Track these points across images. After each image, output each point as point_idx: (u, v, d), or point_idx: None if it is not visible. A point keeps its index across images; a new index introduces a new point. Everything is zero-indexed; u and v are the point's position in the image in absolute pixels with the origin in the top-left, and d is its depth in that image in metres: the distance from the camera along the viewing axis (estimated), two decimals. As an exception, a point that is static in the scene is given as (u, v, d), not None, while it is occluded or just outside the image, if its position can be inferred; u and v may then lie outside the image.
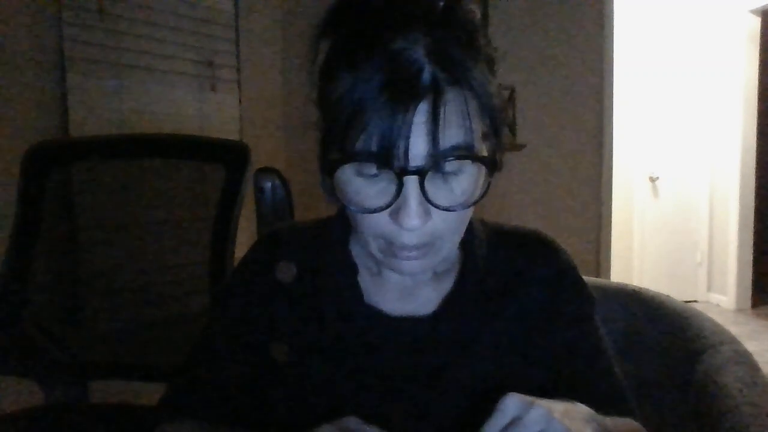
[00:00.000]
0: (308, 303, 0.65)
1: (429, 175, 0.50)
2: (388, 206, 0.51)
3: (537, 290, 0.65)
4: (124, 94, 1.96)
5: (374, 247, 0.56)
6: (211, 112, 2.28)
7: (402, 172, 0.49)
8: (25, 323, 1.26)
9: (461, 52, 0.51)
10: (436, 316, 0.63)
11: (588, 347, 0.66)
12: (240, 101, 2.42)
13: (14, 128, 1.64)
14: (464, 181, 0.52)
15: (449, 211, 0.52)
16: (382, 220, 0.52)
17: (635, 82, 4.44)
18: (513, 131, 2.78)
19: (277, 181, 1.35)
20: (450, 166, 0.51)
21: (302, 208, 1.60)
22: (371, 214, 0.52)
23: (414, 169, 0.49)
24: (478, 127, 0.52)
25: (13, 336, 1.26)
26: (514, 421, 0.47)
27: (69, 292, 1.38)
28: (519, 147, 2.79)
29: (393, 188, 0.50)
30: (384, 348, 0.62)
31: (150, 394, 0.85)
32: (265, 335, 0.66)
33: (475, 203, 0.54)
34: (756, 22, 4.18)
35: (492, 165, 0.53)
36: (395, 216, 0.51)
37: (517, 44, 2.83)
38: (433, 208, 0.51)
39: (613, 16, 2.95)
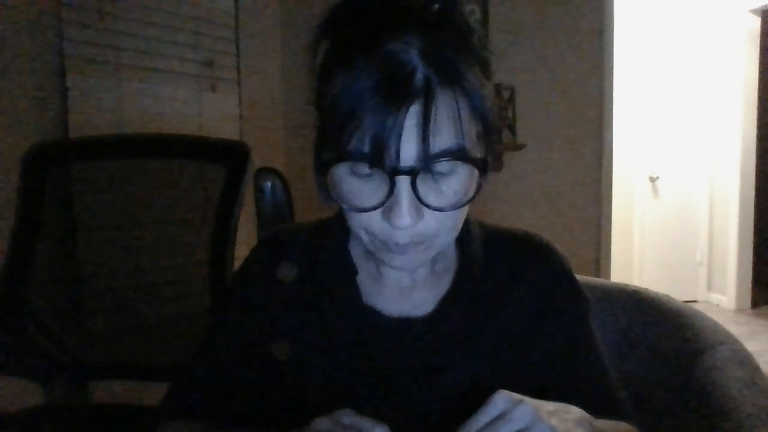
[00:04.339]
0: (308, 302, 0.66)
1: (421, 176, 0.50)
2: (380, 205, 0.52)
3: (532, 292, 0.66)
4: (124, 94, 1.96)
5: (368, 242, 0.57)
6: (211, 112, 2.28)
7: (394, 172, 0.50)
8: (25, 323, 1.26)
9: (455, 55, 0.51)
10: (432, 317, 0.64)
11: (582, 350, 0.67)
12: (240, 101, 2.42)
13: (14, 128, 1.64)
14: (456, 181, 0.53)
15: (440, 211, 0.53)
16: (375, 218, 0.53)
17: (635, 82, 4.44)
18: (513, 131, 2.78)
19: (277, 181, 1.35)
20: (442, 166, 0.51)
21: (302, 208, 1.60)
22: (364, 213, 0.53)
23: (405, 169, 0.50)
24: (471, 129, 0.53)
25: (13, 336, 1.26)
26: (501, 417, 0.48)
27: (69, 292, 1.38)
28: (519, 147, 2.79)
29: (385, 188, 0.51)
30: (381, 347, 0.63)
31: (150, 394, 0.85)
32: (266, 334, 0.67)
33: (465, 204, 0.54)
34: (756, 22, 4.18)
35: (483, 167, 0.54)
36: (387, 215, 0.52)
37: (518, 44, 2.83)
38: (425, 208, 0.52)
39: (613, 16, 2.95)
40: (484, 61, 0.55)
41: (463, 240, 0.65)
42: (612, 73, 2.96)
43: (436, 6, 0.52)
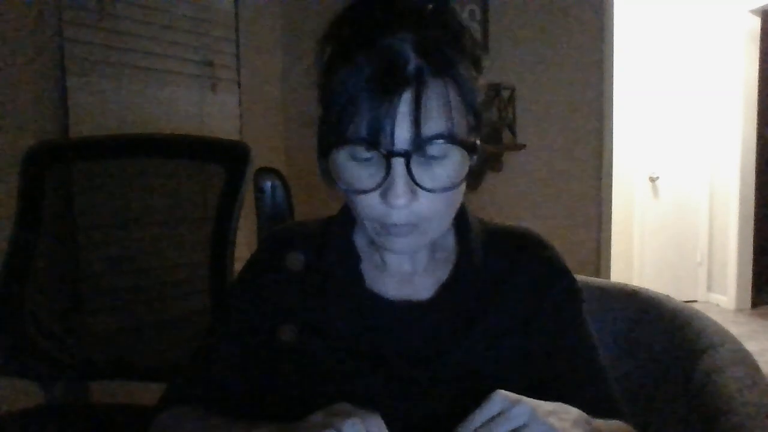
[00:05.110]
0: (314, 289, 0.69)
1: (415, 159, 0.55)
2: (378, 186, 0.56)
3: (528, 285, 0.69)
4: (124, 94, 1.96)
5: (369, 228, 0.61)
6: (211, 112, 2.28)
7: (389, 154, 0.54)
8: (25, 323, 1.26)
9: (446, 48, 0.56)
10: (432, 301, 0.67)
11: (576, 344, 0.69)
12: (240, 101, 2.42)
13: (14, 128, 1.64)
14: (448, 166, 0.57)
15: (433, 192, 0.56)
16: (374, 200, 0.57)
17: (635, 82, 4.44)
18: (513, 131, 2.78)
19: (277, 181, 1.35)
20: (434, 150, 0.55)
21: (302, 208, 1.60)
22: (364, 196, 0.57)
23: (400, 151, 0.54)
24: (461, 117, 0.57)
25: (13, 336, 1.26)
26: (499, 415, 0.49)
27: (69, 292, 1.38)
28: (519, 147, 2.79)
29: (382, 170, 0.55)
30: (382, 330, 0.66)
31: (150, 394, 0.85)
32: (273, 320, 0.69)
33: (456, 187, 0.58)
34: (756, 22, 4.18)
35: (473, 150, 0.58)
36: (385, 196, 0.56)
37: (517, 44, 2.83)
38: (420, 191, 0.56)
39: (613, 16, 2.95)
40: (475, 58, 0.60)
41: (462, 231, 0.69)
42: (612, 73, 2.96)
43: (430, 6, 0.57)
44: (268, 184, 1.32)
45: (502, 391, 0.51)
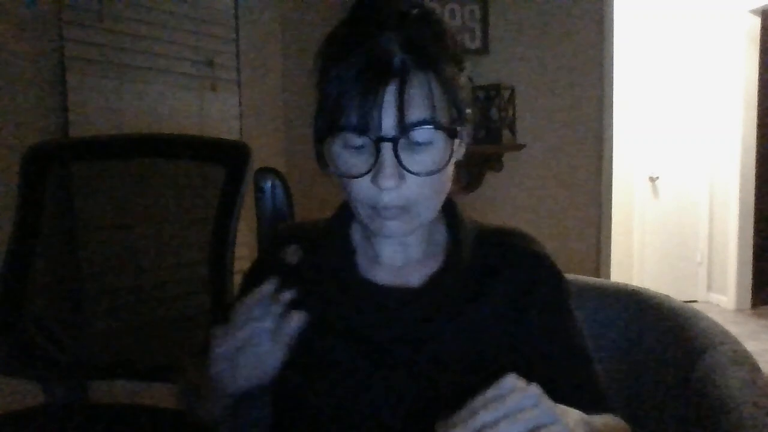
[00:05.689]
0: (312, 279, 0.73)
1: (401, 145, 0.60)
2: (369, 171, 0.61)
3: (515, 276, 0.72)
4: (124, 94, 1.96)
5: (363, 214, 0.66)
6: (211, 112, 2.28)
7: (377, 140, 0.60)
8: (25, 323, 1.26)
9: (429, 45, 0.62)
10: (423, 288, 0.71)
11: (562, 335, 0.71)
12: (240, 101, 2.42)
13: (14, 128, 1.64)
14: (432, 152, 0.62)
15: (418, 175, 0.62)
16: (365, 184, 0.63)
17: (635, 82, 4.44)
18: (513, 131, 2.77)
19: (277, 181, 1.35)
20: (418, 136, 0.61)
21: (302, 208, 1.60)
22: (357, 180, 0.63)
23: (387, 136, 0.60)
24: (444, 108, 0.62)
25: (13, 336, 1.26)
26: (509, 395, 0.51)
27: (69, 292, 1.38)
28: (519, 147, 2.79)
29: (372, 157, 0.61)
30: (374, 314, 0.70)
31: (150, 394, 0.86)
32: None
33: (440, 171, 0.63)
34: (756, 22, 4.18)
35: (453, 135, 0.63)
36: (375, 180, 0.61)
37: (517, 44, 2.83)
38: (407, 175, 0.61)
39: (613, 16, 2.95)
40: (457, 57, 0.65)
41: (453, 227, 0.74)
42: (612, 73, 2.96)
43: (415, 10, 0.63)
44: (268, 184, 1.32)
45: (514, 375, 0.52)
